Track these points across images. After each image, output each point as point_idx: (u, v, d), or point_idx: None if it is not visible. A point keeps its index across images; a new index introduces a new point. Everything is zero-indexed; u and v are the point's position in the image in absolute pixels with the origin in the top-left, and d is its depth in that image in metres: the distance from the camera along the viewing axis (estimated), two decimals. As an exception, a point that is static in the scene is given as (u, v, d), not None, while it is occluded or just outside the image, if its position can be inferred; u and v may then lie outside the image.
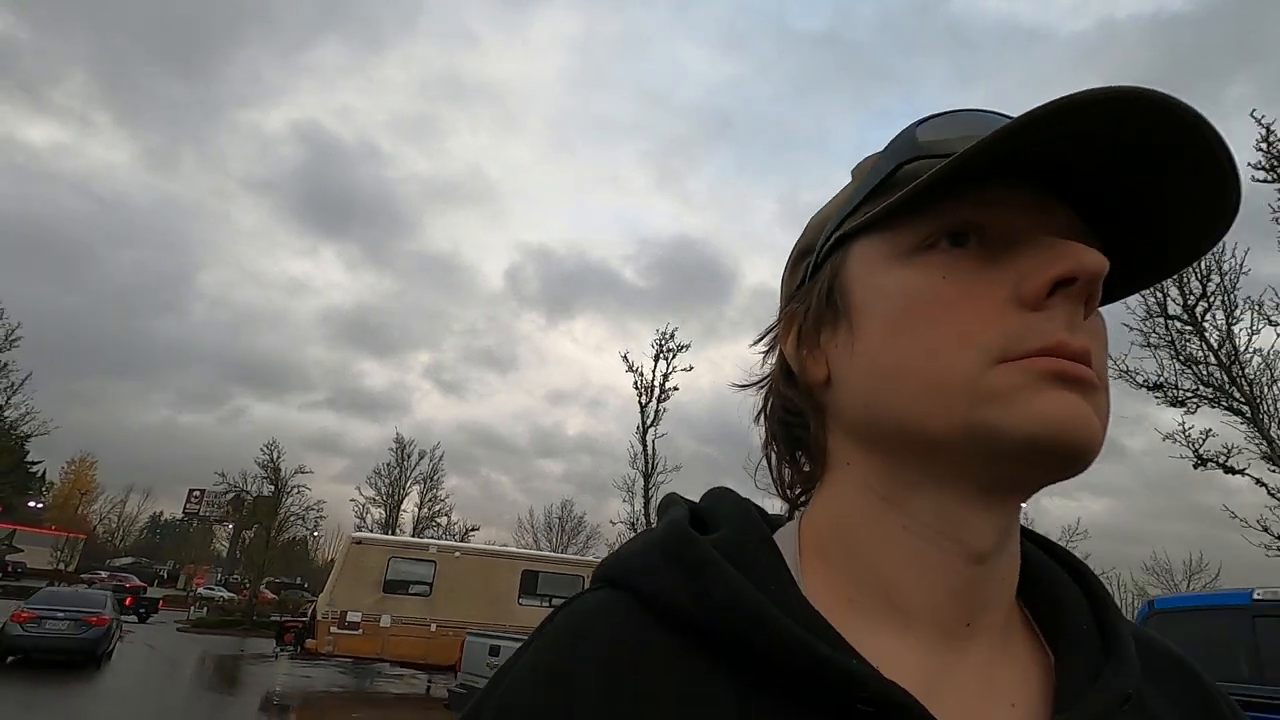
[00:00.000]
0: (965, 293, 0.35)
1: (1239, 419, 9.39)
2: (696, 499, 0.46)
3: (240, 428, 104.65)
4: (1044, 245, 0.34)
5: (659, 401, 18.60)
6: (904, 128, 0.41)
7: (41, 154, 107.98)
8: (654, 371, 18.82)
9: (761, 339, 0.50)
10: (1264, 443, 9.05)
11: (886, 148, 0.42)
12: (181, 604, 33.15)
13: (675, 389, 18.81)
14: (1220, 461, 9.25)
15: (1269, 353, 9.35)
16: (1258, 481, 9.19)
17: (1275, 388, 9.22)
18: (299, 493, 29.01)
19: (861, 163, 0.46)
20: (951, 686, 0.35)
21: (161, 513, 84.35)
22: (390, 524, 28.94)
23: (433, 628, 13.27)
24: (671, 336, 19.24)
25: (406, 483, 30.14)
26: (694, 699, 0.34)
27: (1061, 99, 0.30)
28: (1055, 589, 0.41)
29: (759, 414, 0.49)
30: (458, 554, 14.69)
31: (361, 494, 29.51)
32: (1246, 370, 9.38)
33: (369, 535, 16.56)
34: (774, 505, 0.48)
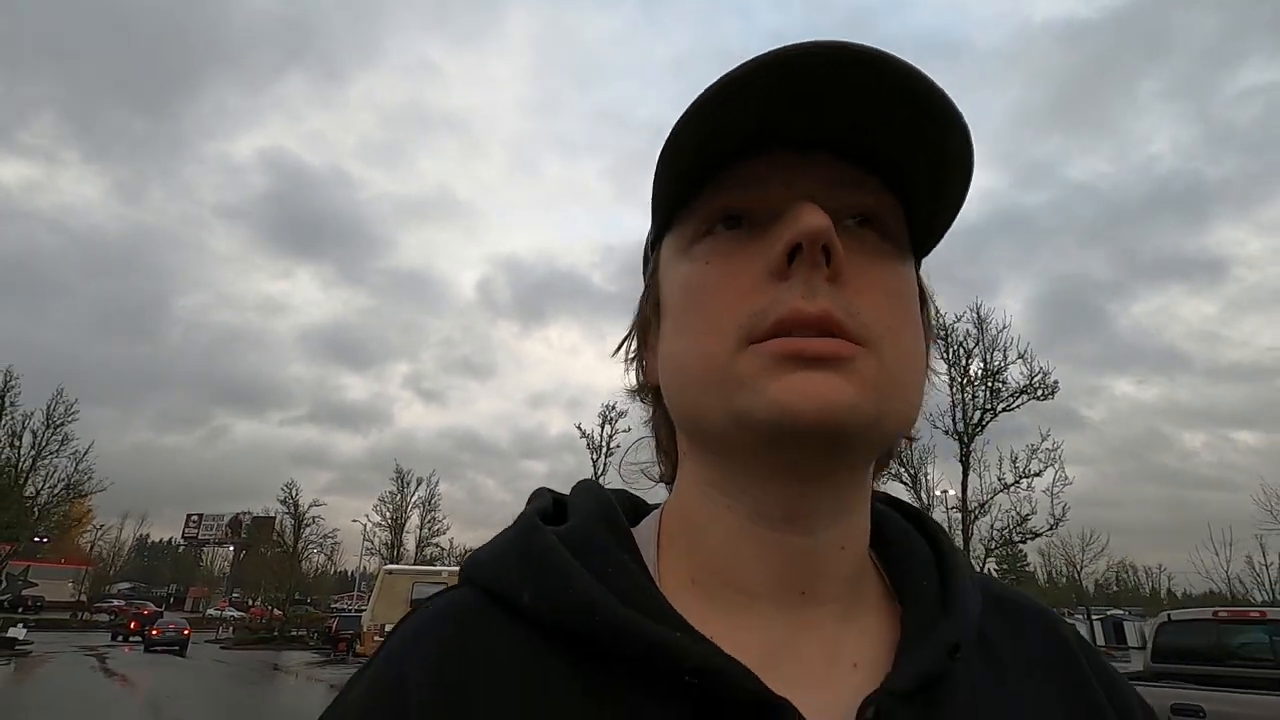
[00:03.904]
0: (727, 275, 0.37)
1: (905, 486, 16.17)
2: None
3: (222, 447, 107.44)
4: (787, 214, 0.35)
5: (606, 457, 24.44)
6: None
7: (13, 193, 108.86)
8: (602, 433, 24.82)
9: (619, 348, 0.50)
10: (918, 502, 15.54)
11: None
12: (199, 625, 37.41)
13: (618, 446, 25.04)
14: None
15: (928, 442, 16.03)
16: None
17: (925, 466, 16.04)
18: (316, 522, 33.82)
19: None
20: (792, 655, 0.37)
21: (148, 535, 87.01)
22: (395, 545, 33.94)
23: (449, 633, 18.42)
24: (613, 407, 25.47)
25: (407, 507, 35.12)
26: (532, 691, 0.34)
27: (722, 78, 0.33)
28: (906, 552, 0.44)
29: (649, 421, 0.50)
30: (464, 576, 19.92)
31: (369, 520, 34.45)
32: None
33: (398, 566, 21.53)
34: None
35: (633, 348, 0.50)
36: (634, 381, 0.50)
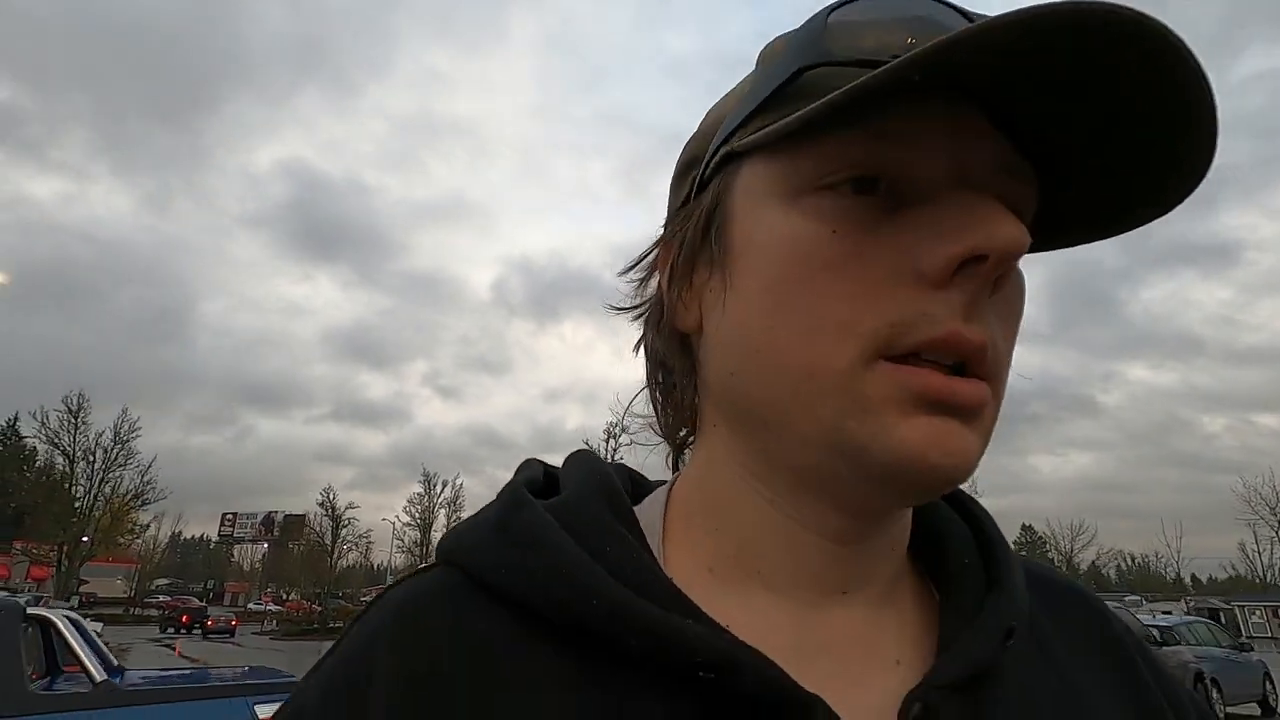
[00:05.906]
0: (858, 256, 0.29)
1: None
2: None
3: (249, 445, 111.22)
4: (958, 206, 0.28)
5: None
6: (816, 12, 0.32)
7: (47, 207, 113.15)
8: (607, 447, 27.54)
9: (633, 266, 0.42)
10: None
11: (794, 34, 0.33)
12: (242, 619, 40.23)
13: (622, 460, 28.84)
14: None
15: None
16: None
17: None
18: (351, 523, 36.65)
19: (770, 45, 0.36)
20: (825, 650, 0.32)
21: (180, 533, 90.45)
22: (424, 544, 36.65)
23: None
24: (618, 424, 28.54)
25: (434, 507, 37.89)
26: (515, 688, 0.29)
27: (1017, 12, 0.23)
28: (940, 529, 0.38)
29: (638, 344, 0.43)
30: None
31: (399, 520, 37.29)
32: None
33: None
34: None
35: (642, 272, 0.42)
36: (653, 314, 0.41)
